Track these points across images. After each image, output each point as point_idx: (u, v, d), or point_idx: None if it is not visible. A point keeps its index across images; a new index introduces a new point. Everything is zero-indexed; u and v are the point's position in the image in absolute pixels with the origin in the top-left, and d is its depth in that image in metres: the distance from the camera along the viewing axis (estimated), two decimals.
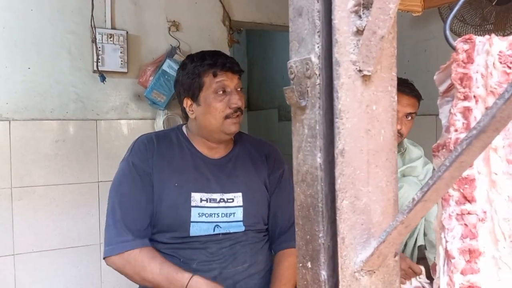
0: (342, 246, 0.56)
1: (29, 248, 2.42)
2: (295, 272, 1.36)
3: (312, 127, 0.58)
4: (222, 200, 1.31)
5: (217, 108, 1.33)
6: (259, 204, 1.37)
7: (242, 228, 1.34)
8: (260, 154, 1.44)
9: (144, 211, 1.29)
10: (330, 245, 0.58)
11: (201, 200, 1.29)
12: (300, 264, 0.64)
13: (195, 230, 1.27)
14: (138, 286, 1.38)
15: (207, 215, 1.29)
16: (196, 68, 1.32)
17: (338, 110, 0.54)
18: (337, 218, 0.56)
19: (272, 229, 1.41)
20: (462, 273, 0.59)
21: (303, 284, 0.63)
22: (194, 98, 1.34)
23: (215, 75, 1.31)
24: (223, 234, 1.30)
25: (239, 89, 1.35)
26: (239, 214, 1.34)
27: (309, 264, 0.61)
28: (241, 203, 1.34)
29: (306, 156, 0.60)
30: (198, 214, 1.28)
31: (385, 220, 0.58)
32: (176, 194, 1.29)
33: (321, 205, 0.58)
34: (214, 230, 1.29)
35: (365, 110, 0.55)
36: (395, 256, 0.59)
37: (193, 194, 1.29)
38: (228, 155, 1.40)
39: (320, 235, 0.58)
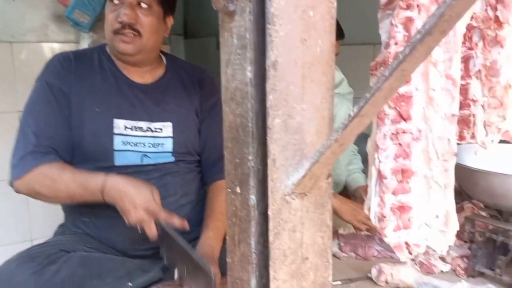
0: (273, 168, 0.52)
1: None
2: None
3: (242, 36, 0.51)
4: (149, 129, 1.22)
5: (108, 20, 1.21)
6: (190, 134, 1.30)
7: (172, 159, 1.26)
8: (193, 80, 1.34)
9: (60, 133, 1.17)
10: (260, 168, 0.54)
11: (125, 127, 1.20)
12: (229, 190, 0.59)
13: (120, 160, 1.19)
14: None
15: (132, 144, 1.20)
16: None
17: (270, 14, 0.47)
18: (267, 138, 0.51)
19: (204, 160, 1.35)
20: (393, 193, 0.57)
21: (231, 210, 0.59)
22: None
23: None
24: (152, 165, 1.24)
25: (143, 6, 1.19)
26: (168, 144, 1.24)
27: (238, 189, 0.57)
28: (170, 134, 1.25)
29: (235, 71, 0.53)
30: (123, 142, 1.19)
31: (319, 140, 0.54)
32: (97, 120, 1.18)
33: (251, 124, 0.52)
34: (142, 161, 1.22)
35: (301, 16, 0.48)
36: (327, 178, 0.56)
37: (115, 120, 1.19)
38: (158, 81, 1.28)
39: (250, 157, 0.53)
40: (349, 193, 1.88)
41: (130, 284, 1.09)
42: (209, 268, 0.92)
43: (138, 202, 1.07)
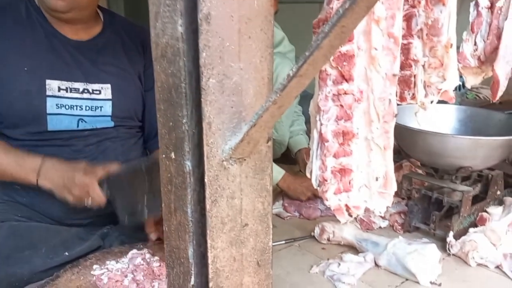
0: (209, 132, 0.48)
1: None
2: None
3: None
4: (86, 91, 1.13)
5: None
6: (131, 98, 1.22)
7: (111, 124, 1.17)
8: (135, 42, 1.25)
9: None
10: (196, 132, 0.50)
11: (60, 88, 1.10)
12: (163, 155, 0.55)
13: (54, 124, 1.10)
14: None
15: (67, 107, 1.11)
16: None
17: None
18: (202, 100, 0.47)
19: (148, 129, 1.28)
20: (334, 156, 0.56)
21: (166, 177, 0.56)
22: None
23: None
24: (89, 129, 1.15)
25: None
26: (107, 108, 1.15)
27: (172, 155, 0.53)
28: (109, 96, 1.15)
29: (165, 25, 0.48)
30: (56, 105, 1.10)
31: (258, 102, 0.51)
32: (27, 80, 1.08)
33: (184, 85, 0.48)
34: (78, 125, 1.13)
35: None
36: (267, 142, 0.53)
37: (48, 81, 1.09)
38: (94, 38, 1.18)
39: (184, 120, 0.49)
40: (291, 154, 1.89)
41: (66, 253, 1.04)
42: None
43: (77, 170, 1.02)
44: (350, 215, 0.64)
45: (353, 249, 1.32)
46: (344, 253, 1.28)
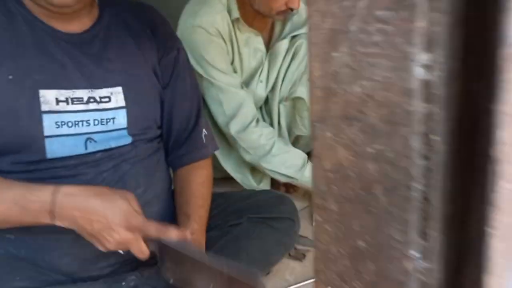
0: None
1: None
2: (210, 189, 1.03)
3: None
4: (92, 100, 0.84)
5: None
6: (149, 102, 0.93)
7: (129, 140, 0.89)
8: (143, 25, 0.94)
9: None
10: None
11: (58, 101, 0.81)
12: None
13: (55, 149, 0.81)
14: None
15: (70, 124, 0.82)
16: None
17: None
18: None
19: (171, 137, 1.00)
20: None
21: None
22: None
23: None
24: (101, 151, 0.86)
25: None
26: (121, 119, 0.87)
27: None
28: (122, 103, 0.87)
29: None
30: (56, 123, 0.81)
31: None
32: (12, 92, 0.78)
33: None
34: (86, 147, 0.85)
35: None
36: None
37: (42, 91, 0.80)
38: (92, 28, 0.87)
39: None
40: None
41: None
42: (256, 277, 0.66)
43: (116, 221, 0.73)
44: None
45: None
46: None
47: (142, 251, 0.75)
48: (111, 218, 0.72)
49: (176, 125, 0.99)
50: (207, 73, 1.29)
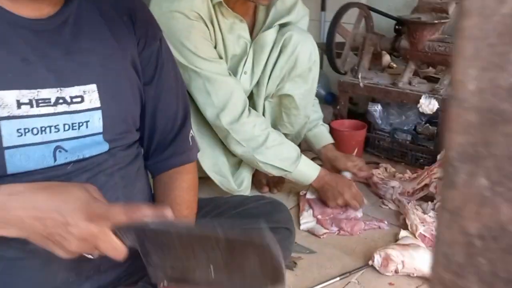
0: None
1: None
2: (196, 196, 0.91)
3: None
4: (61, 101, 0.69)
5: None
6: (128, 101, 0.77)
7: (105, 147, 0.75)
8: (119, 12, 0.79)
9: None
10: None
11: (20, 103, 0.66)
12: None
13: (17, 163, 0.65)
14: None
15: (36, 131, 0.67)
16: None
17: None
18: None
19: (149, 138, 0.87)
20: None
21: None
22: None
23: None
24: (73, 162, 0.72)
25: None
26: (95, 122, 0.73)
27: None
28: (97, 103, 0.73)
29: None
30: (18, 131, 0.66)
31: None
32: None
33: None
34: (55, 159, 0.69)
35: None
36: None
37: (1, 92, 0.65)
38: (61, 11, 0.71)
39: None
40: (313, 152, 1.54)
41: None
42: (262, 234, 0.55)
43: (72, 213, 0.58)
44: None
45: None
46: None
47: (114, 247, 0.60)
48: (65, 211, 0.57)
49: (160, 126, 0.85)
50: (191, 63, 1.16)
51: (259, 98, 1.34)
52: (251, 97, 1.38)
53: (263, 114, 1.38)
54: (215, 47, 1.22)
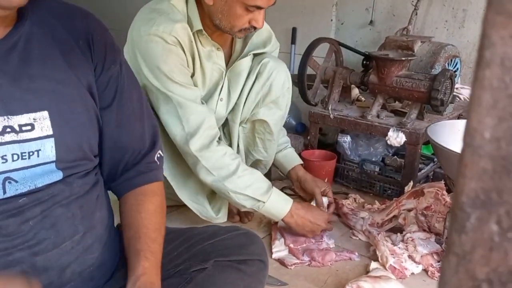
0: None
1: None
2: (164, 218, 0.88)
3: None
4: (9, 130, 0.65)
5: None
6: (83, 127, 0.76)
7: (59, 176, 0.72)
8: (74, 36, 0.77)
9: None
10: None
11: None
12: None
13: None
14: None
15: None
16: None
17: None
18: None
19: (114, 163, 0.85)
20: None
21: None
22: None
23: None
24: (24, 194, 0.68)
25: None
26: (47, 150, 0.71)
27: None
28: (49, 131, 0.71)
29: None
30: None
31: None
32: None
33: None
34: (4, 191, 0.66)
35: None
36: None
37: None
38: (9, 36, 0.68)
39: None
40: (281, 173, 1.56)
41: None
42: None
43: None
44: None
45: None
46: None
47: None
48: None
49: (128, 150, 0.83)
50: (164, 87, 1.15)
51: (234, 123, 1.35)
52: (226, 123, 1.38)
53: (237, 140, 1.38)
54: (193, 74, 1.23)
